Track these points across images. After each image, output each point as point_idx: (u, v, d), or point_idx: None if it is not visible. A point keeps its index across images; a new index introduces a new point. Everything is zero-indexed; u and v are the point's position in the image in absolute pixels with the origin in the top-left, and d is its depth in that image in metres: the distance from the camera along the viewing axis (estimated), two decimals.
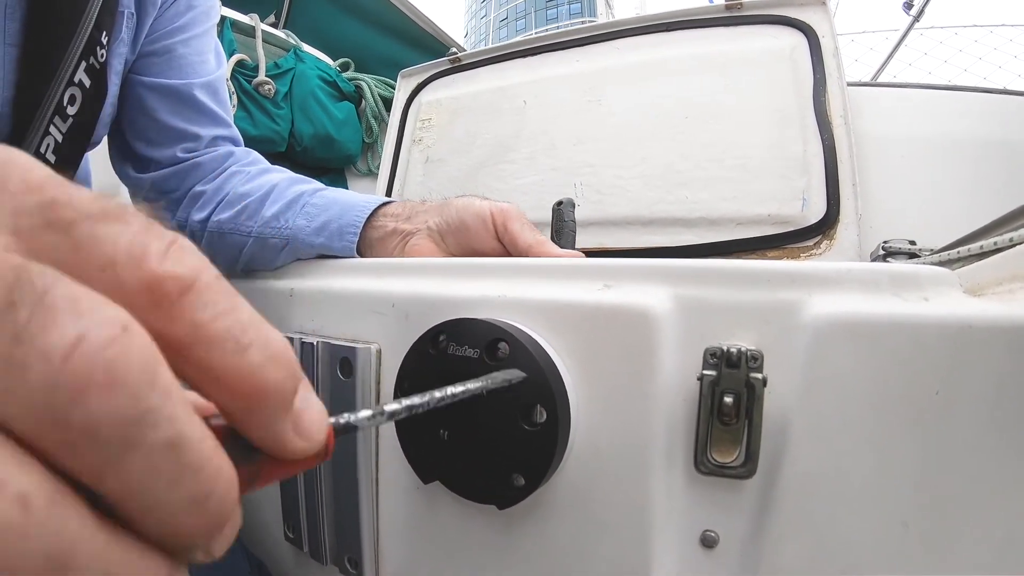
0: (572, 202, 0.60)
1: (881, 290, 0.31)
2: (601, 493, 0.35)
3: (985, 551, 0.30)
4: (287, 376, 0.16)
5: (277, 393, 0.15)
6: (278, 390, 0.15)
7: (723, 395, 0.30)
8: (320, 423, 0.17)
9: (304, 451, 0.17)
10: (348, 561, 0.49)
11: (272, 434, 0.16)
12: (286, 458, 0.16)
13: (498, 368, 0.33)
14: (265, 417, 0.16)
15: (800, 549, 0.32)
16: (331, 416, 0.18)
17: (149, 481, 0.13)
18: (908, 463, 0.30)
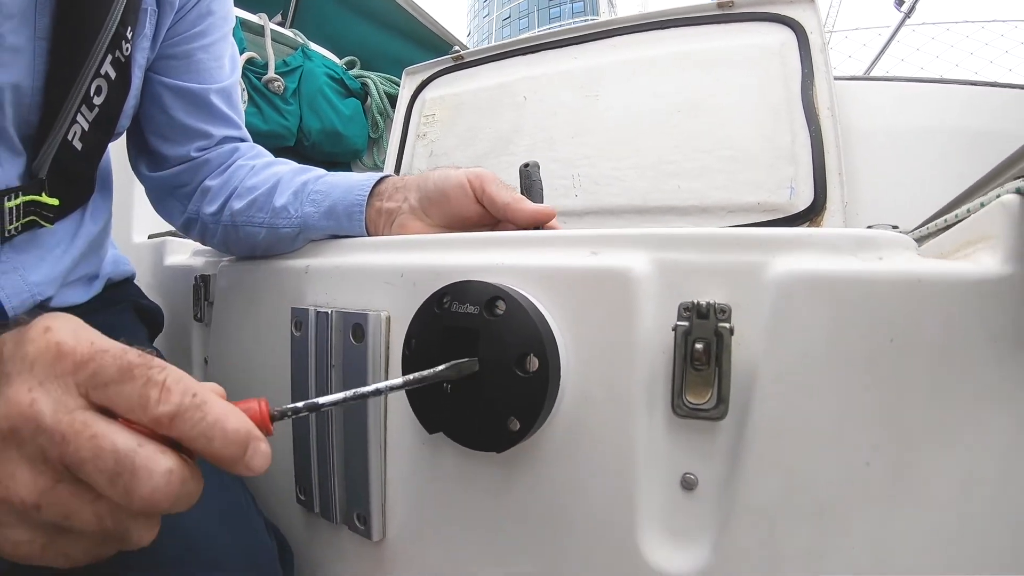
0: (537, 164, 0.66)
1: (840, 252, 0.35)
2: (589, 438, 0.39)
3: (946, 487, 0.32)
4: (237, 448, 0.28)
5: (232, 458, 0.29)
6: (232, 457, 0.29)
7: (695, 343, 0.33)
8: (260, 463, 0.29)
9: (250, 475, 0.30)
10: (357, 517, 0.52)
11: (232, 471, 0.29)
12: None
13: (495, 323, 0.36)
14: (227, 466, 0.29)
15: (772, 489, 0.35)
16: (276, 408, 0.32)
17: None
18: (867, 406, 0.33)
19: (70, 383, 0.28)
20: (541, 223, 0.54)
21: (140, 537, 0.29)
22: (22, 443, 0.27)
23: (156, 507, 0.27)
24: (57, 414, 0.27)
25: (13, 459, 0.28)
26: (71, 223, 0.61)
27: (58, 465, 0.27)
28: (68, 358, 0.28)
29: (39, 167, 0.54)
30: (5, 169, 0.52)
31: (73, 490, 0.28)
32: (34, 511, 0.27)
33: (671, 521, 0.38)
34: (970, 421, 0.32)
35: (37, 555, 0.29)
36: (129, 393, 0.28)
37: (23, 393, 0.28)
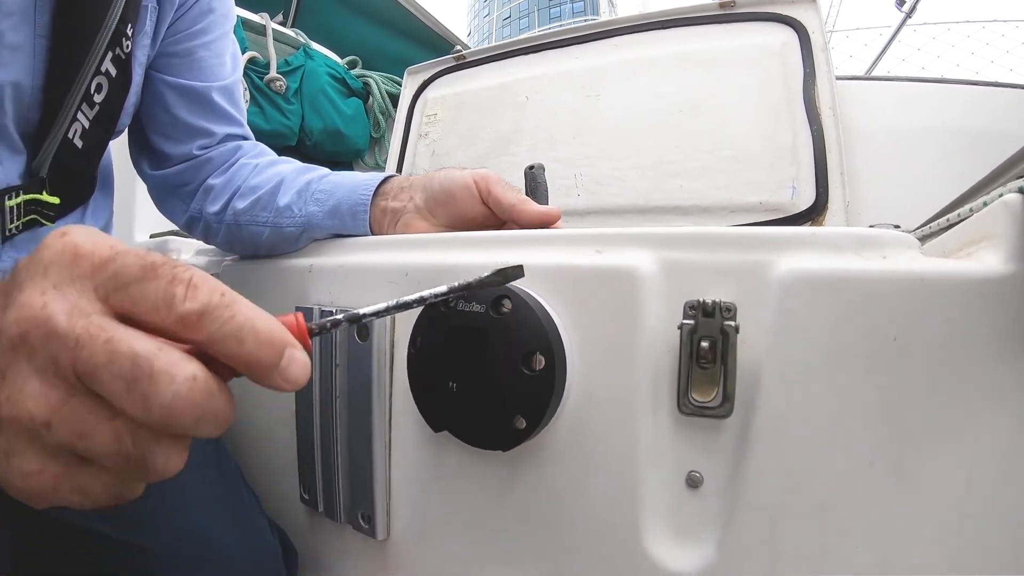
0: (542, 166, 0.66)
1: (843, 251, 0.35)
2: (595, 436, 0.39)
3: (948, 485, 0.33)
4: (271, 352, 0.26)
5: (266, 363, 0.26)
6: (266, 362, 0.26)
7: (701, 341, 0.34)
8: (299, 371, 0.27)
9: (291, 389, 0.27)
10: (361, 517, 0.52)
11: (268, 383, 0.26)
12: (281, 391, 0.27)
13: (501, 321, 0.37)
14: (261, 375, 0.26)
15: (777, 487, 0.35)
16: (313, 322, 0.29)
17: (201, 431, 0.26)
18: (870, 404, 0.33)
19: (87, 286, 0.26)
20: (547, 224, 0.54)
21: (165, 462, 0.26)
22: (33, 352, 0.25)
23: (178, 418, 0.24)
24: (72, 318, 0.25)
25: (23, 371, 0.25)
26: (72, 221, 0.61)
27: (71, 376, 0.25)
28: (86, 260, 0.26)
29: (40, 165, 0.54)
30: (6, 168, 0.52)
31: (88, 405, 0.25)
32: (45, 430, 0.25)
33: (676, 519, 0.38)
34: (972, 420, 0.32)
35: (49, 489, 0.26)
36: (154, 290, 0.25)
37: (35, 296, 0.25)
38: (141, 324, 0.26)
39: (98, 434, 0.25)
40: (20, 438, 0.25)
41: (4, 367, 0.25)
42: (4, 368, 0.25)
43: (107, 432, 0.25)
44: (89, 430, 0.25)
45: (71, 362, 0.24)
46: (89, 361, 0.24)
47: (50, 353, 0.24)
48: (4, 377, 0.25)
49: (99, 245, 0.26)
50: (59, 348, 0.24)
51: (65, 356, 0.24)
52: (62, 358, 0.24)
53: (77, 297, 0.25)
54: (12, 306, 0.25)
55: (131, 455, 0.25)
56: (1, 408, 0.25)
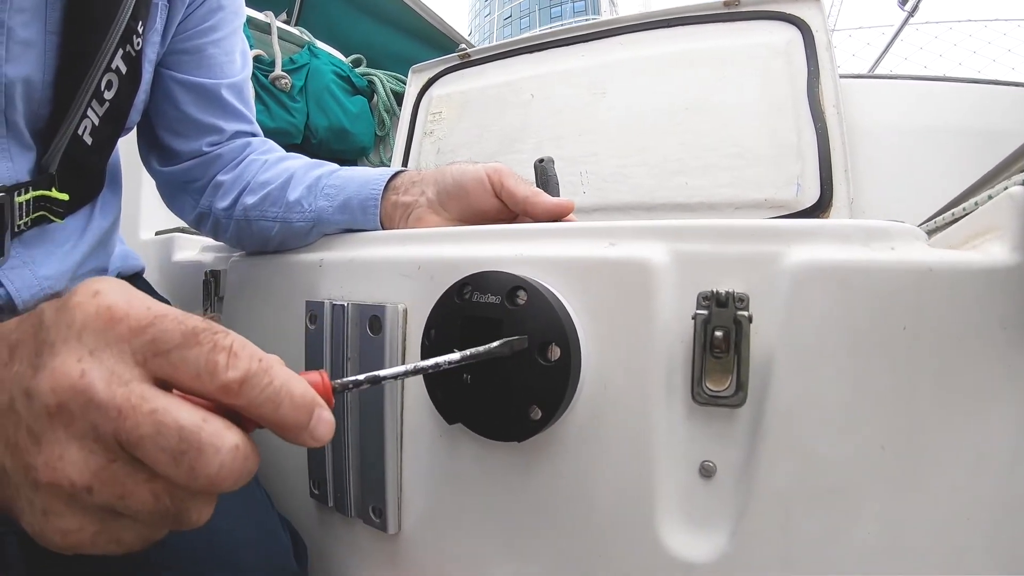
0: (552, 159, 0.66)
1: (852, 242, 0.35)
2: (609, 427, 0.40)
3: (957, 470, 0.33)
4: (304, 415, 0.27)
5: (298, 425, 0.27)
6: (299, 423, 0.27)
7: (714, 331, 0.34)
8: (325, 431, 0.28)
9: (315, 446, 0.29)
10: (372, 510, 0.52)
11: (296, 441, 0.28)
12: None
13: (516, 312, 0.37)
14: (292, 436, 0.28)
15: (789, 474, 0.36)
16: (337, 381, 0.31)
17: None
18: (881, 391, 0.34)
19: (125, 351, 0.26)
20: (561, 216, 0.55)
21: (199, 515, 0.27)
22: (71, 420, 0.25)
23: (221, 486, 0.25)
24: (111, 386, 0.25)
25: (61, 439, 0.25)
26: (81, 218, 0.61)
27: (112, 443, 0.25)
28: (123, 323, 0.26)
29: (49, 162, 0.54)
30: (16, 164, 0.52)
31: (128, 469, 0.25)
32: (85, 494, 0.25)
33: (690, 508, 0.39)
34: (981, 406, 0.33)
35: (88, 543, 0.26)
36: (196, 358, 0.25)
37: (71, 364, 0.25)
38: (179, 388, 0.26)
39: (138, 495, 0.25)
40: (59, 500, 0.25)
41: (39, 432, 0.25)
42: (39, 433, 0.25)
43: (146, 493, 0.26)
44: (129, 492, 0.25)
45: (113, 431, 0.24)
46: (134, 432, 0.24)
47: (90, 421, 0.25)
48: (40, 442, 0.25)
49: (135, 307, 0.26)
50: (100, 417, 0.24)
51: (106, 425, 0.24)
52: (103, 426, 0.25)
53: (115, 363, 0.25)
54: (45, 370, 0.25)
55: (168, 511, 0.26)
56: (39, 472, 0.25)
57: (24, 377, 0.26)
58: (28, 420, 0.25)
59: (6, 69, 0.49)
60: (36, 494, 0.25)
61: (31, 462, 0.25)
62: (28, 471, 0.25)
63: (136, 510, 0.26)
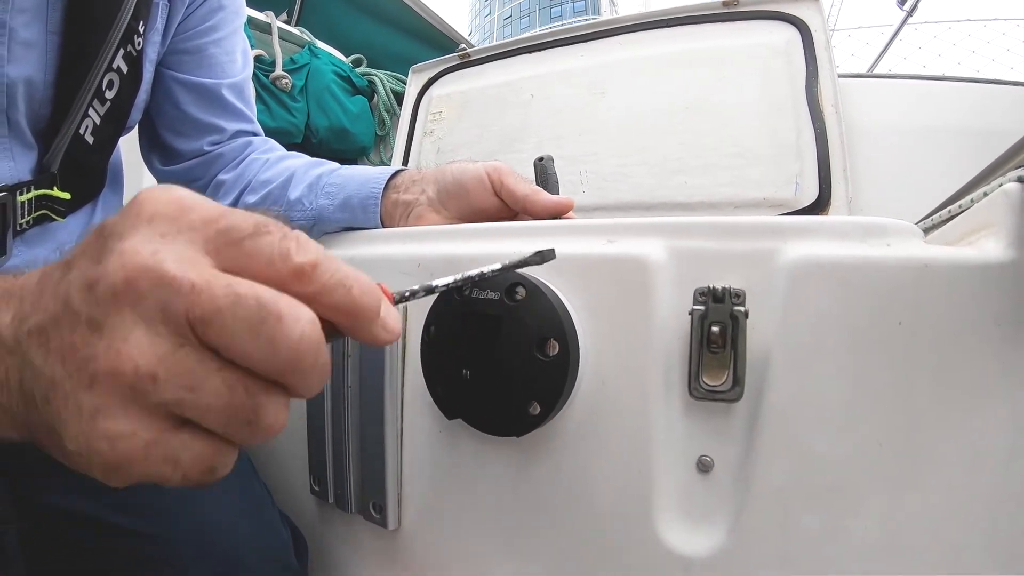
0: (551, 157, 0.67)
1: (849, 238, 0.36)
2: (607, 422, 0.40)
3: (954, 466, 0.34)
4: (373, 300, 0.26)
5: (369, 310, 0.26)
6: (370, 309, 0.26)
7: (711, 326, 0.35)
8: (395, 322, 0.28)
9: (388, 340, 0.28)
10: (372, 507, 0.53)
11: (369, 331, 0.27)
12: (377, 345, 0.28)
13: (515, 308, 0.38)
14: (365, 323, 0.26)
15: (787, 470, 0.36)
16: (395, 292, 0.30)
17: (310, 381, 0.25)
18: (878, 387, 0.34)
19: (197, 240, 0.24)
20: (560, 214, 0.55)
21: (275, 415, 0.25)
22: (139, 299, 0.23)
23: (303, 359, 0.23)
24: (184, 265, 0.23)
25: (127, 321, 0.23)
26: (82, 217, 0.61)
27: (182, 325, 0.23)
28: (194, 212, 0.25)
29: (51, 161, 0.54)
30: (18, 163, 0.52)
31: (198, 356, 0.23)
32: (149, 384, 0.23)
33: (687, 504, 0.39)
34: (977, 401, 0.33)
35: (139, 457, 0.23)
36: (268, 244, 0.24)
37: (142, 245, 0.23)
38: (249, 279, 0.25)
39: (209, 386, 0.23)
40: (115, 395, 0.23)
41: (101, 319, 0.23)
42: (102, 320, 0.23)
43: (219, 383, 0.23)
44: (199, 382, 0.23)
45: (185, 309, 0.23)
46: (209, 305, 0.22)
47: (160, 300, 0.23)
48: (102, 329, 0.23)
49: (204, 201, 0.25)
50: (171, 294, 0.23)
51: (178, 302, 0.23)
52: (174, 304, 0.23)
53: (186, 249, 0.24)
54: (112, 254, 0.23)
55: (242, 407, 0.24)
56: (98, 361, 0.23)
57: (85, 272, 0.24)
58: (88, 311, 0.23)
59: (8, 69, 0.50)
60: (89, 393, 0.23)
61: (90, 353, 0.23)
62: (85, 365, 0.23)
63: (205, 406, 0.23)
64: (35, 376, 0.24)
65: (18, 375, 0.25)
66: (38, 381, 0.24)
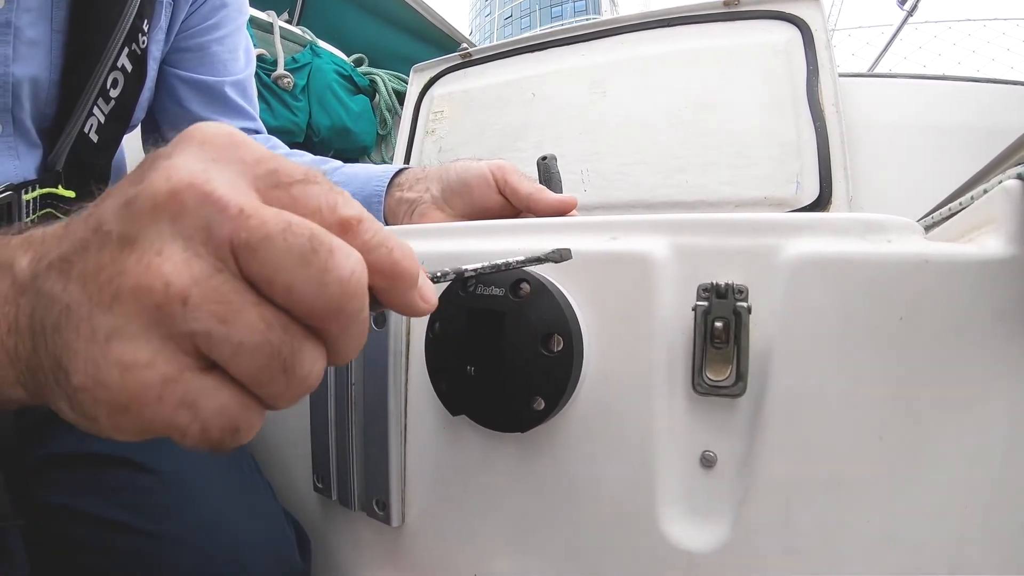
0: (554, 156, 0.67)
1: (850, 235, 0.36)
2: (610, 418, 0.40)
3: (955, 460, 0.34)
4: (413, 266, 0.25)
5: (410, 274, 0.25)
6: (410, 272, 0.25)
7: (714, 321, 0.35)
8: (431, 293, 0.27)
9: (425, 311, 0.27)
10: (376, 504, 0.53)
11: (407, 300, 0.26)
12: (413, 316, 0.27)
13: (520, 304, 0.38)
14: (404, 288, 0.25)
15: (789, 465, 0.36)
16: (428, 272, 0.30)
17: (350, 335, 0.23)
18: (879, 382, 0.35)
19: (247, 174, 0.23)
20: (564, 212, 0.56)
21: (312, 365, 0.23)
22: (181, 213, 0.21)
23: (352, 298, 0.22)
24: (233, 189, 0.21)
25: (164, 234, 0.21)
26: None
27: (224, 249, 0.21)
28: (246, 147, 0.23)
29: (56, 160, 0.55)
30: (23, 162, 0.53)
31: (236, 285, 0.21)
32: (178, 306, 0.20)
33: (691, 499, 0.39)
34: (977, 396, 0.34)
35: (154, 394, 0.20)
36: (317, 192, 0.23)
37: (192, 162, 0.22)
38: None
39: (245, 319, 0.21)
40: (137, 315, 0.20)
41: (135, 234, 0.21)
42: (135, 233, 0.21)
43: (255, 317, 0.21)
44: (234, 313, 0.20)
45: (230, 232, 0.21)
46: (259, 230, 0.21)
47: (204, 217, 0.21)
48: (134, 242, 0.21)
49: (255, 142, 0.24)
50: (217, 214, 0.21)
51: (224, 224, 0.21)
52: (219, 225, 0.21)
53: (236, 177, 0.22)
54: (158, 170, 0.21)
55: (278, 349, 0.21)
56: (124, 276, 0.20)
57: (123, 194, 0.22)
58: (121, 227, 0.21)
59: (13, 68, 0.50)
60: (108, 313, 0.20)
61: (116, 269, 0.21)
62: (108, 283, 0.21)
63: (238, 343, 0.21)
64: (49, 305, 0.22)
65: (29, 312, 0.23)
66: (50, 311, 0.22)
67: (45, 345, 0.22)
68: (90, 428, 0.22)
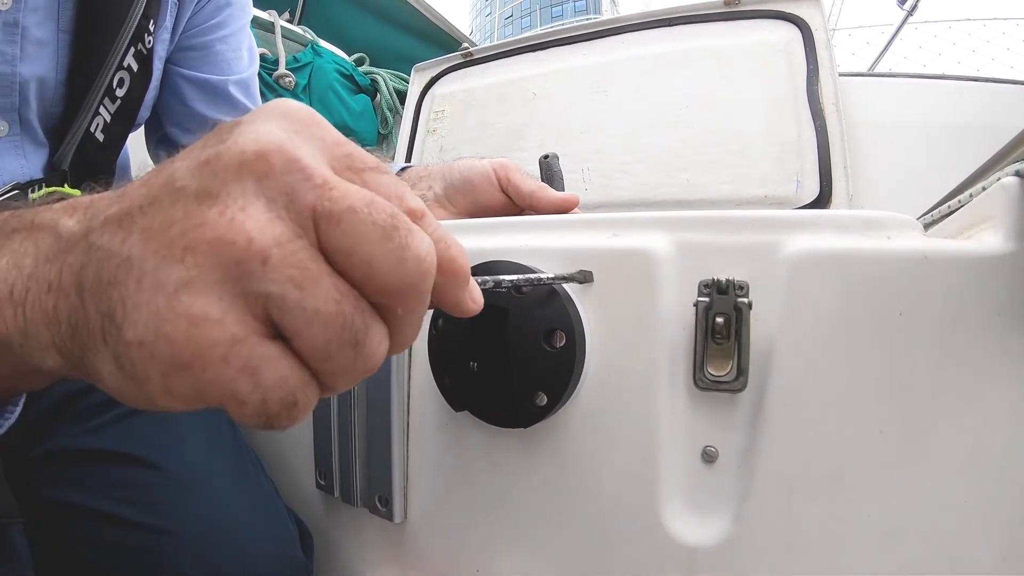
0: (556, 155, 0.68)
1: (850, 231, 0.36)
2: (612, 413, 0.41)
3: (954, 454, 0.34)
4: (467, 264, 0.26)
5: (465, 271, 0.26)
6: (465, 270, 0.26)
7: (715, 317, 0.35)
8: (479, 295, 0.28)
9: (474, 311, 0.28)
10: (379, 500, 0.53)
11: (460, 298, 0.26)
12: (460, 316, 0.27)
13: (523, 300, 0.38)
14: (457, 285, 0.26)
15: (791, 460, 0.37)
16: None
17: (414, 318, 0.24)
18: (880, 376, 0.35)
19: (325, 152, 0.23)
20: (566, 210, 0.56)
21: (378, 344, 0.22)
22: (268, 174, 0.21)
23: (424, 280, 0.22)
24: (318, 160, 0.22)
25: (248, 191, 0.20)
26: None
27: (306, 217, 0.21)
28: (325, 128, 0.24)
29: (62, 159, 0.55)
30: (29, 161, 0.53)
31: (313, 253, 0.21)
32: (257, 264, 0.20)
33: (693, 494, 0.40)
34: (976, 391, 0.34)
35: (218, 354, 0.20)
36: (387, 182, 0.24)
37: (279, 131, 0.22)
38: None
39: (320, 287, 0.20)
40: (214, 268, 0.20)
41: (218, 188, 0.21)
42: (217, 189, 0.21)
43: (329, 287, 0.21)
44: (310, 280, 0.20)
45: (315, 200, 0.21)
46: (343, 202, 0.21)
47: (289, 182, 0.21)
48: (216, 196, 0.20)
49: (331, 125, 0.25)
50: (303, 180, 0.21)
51: (309, 191, 0.21)
52: (304, 192, 0.21)
53: (317, 153, 0.22)
54: (243, 133, 0.22)
55: (350, 322, 0.21)
56: (204, 228, 0.20)
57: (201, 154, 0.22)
58: (199, 184, 0.21)
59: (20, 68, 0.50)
60: (179, 265, 0.20)
61: (193, 222, 0.20)
62: (182, 236, 0.20)
63: (312, 311, 0.20)
64: (104, 259, 0.21)
65: (77, 268, 0.22)
66: (106, 264, 0.21)
67: (96, 300, 0.21)
68: (134, 393, 0.21)
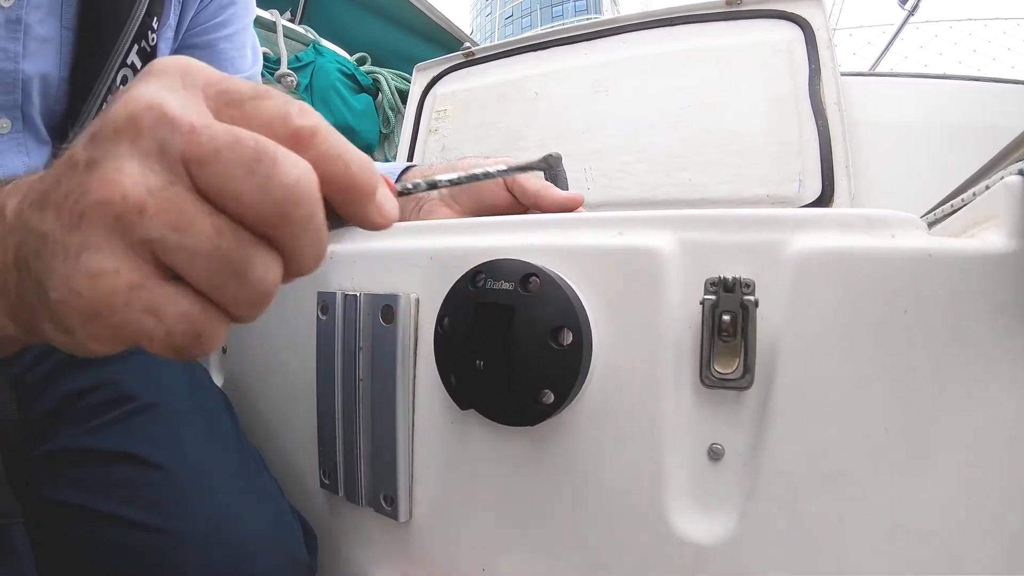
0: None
1: (854, 230, 0.37)
2: (619, 411, 0.41)
3: (957, 452, 0.35)
4: (370, 178, 0.26)
5: (365, 186, 0.25)
6: (366, 184, 0.25)
7: (722, 315, 0.36)
8: (392, 208, 0.27)
9: (382, 225, 0.27)
10: (384, 499, 0.53)
11: (362, 212, 0.26)
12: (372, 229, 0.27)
13: (529, 298, 0.39)
14: (361, 201, 0.26)
15: (796, 457, 0.37)
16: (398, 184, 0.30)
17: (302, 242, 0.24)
18: (884, 374, 0.35)
19: (200, 96, 0.24)
20: (571, 209, 0.56)
21: (264, 271, 0.24)
22: (138, 134, 0.23)
23: (297, 205, 0.23)
24: (187, 108, 0.23)
25: (123, 154, 0.23)
26: None
27: (177, 164, 0.23)
28: (199, 73, 0.25)
29: None
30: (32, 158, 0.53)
31: (189, 196, 0.23)
32: (135, 215, 0.22)
33: (698, 491, 0.40)
34: (979, 388, 0.34)
35: (121, 300, 0.22)
36: (268, 107, 0.24)
37: (150, 90, 0.23)
38: None
39: (197, 227, 0.22)
40: (101, 228, 0.22)
41: (99, 157, 0.23)
42: (99, 158, 0.23)
43: (207, 226, 0.22)
44: (187, 222, 0.22)
45: (182, 147, 0.22)
46: (209, 144, 0.22)
47: (159, 136, 0.23)
48: (97, 165, 0.23)
49: (210, 67, 0.26)
50: (170, 133, 0.23)
51: (176, 140, 0.22)
52: (172, 142, 0.22)
53: (191, 99, 0.24)
54: (119, 102, 0.24)
55: (230, 255, 0.23)
56: (88, 194, 0.22)
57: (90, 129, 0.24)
58: (87, 154, 0.23)
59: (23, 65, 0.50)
60: (76, 232, 0.23)
61: (82, 191, 0.23)
62: (76, 205, 0.23)
63: (192, 249, 0.22)
64: (30, 237, 0.24)
65: (15, 248, 0.25)
66: (31, 241, 0.24)
67: (29, 273, 0.24)
68: (71, 343, 0.24)
